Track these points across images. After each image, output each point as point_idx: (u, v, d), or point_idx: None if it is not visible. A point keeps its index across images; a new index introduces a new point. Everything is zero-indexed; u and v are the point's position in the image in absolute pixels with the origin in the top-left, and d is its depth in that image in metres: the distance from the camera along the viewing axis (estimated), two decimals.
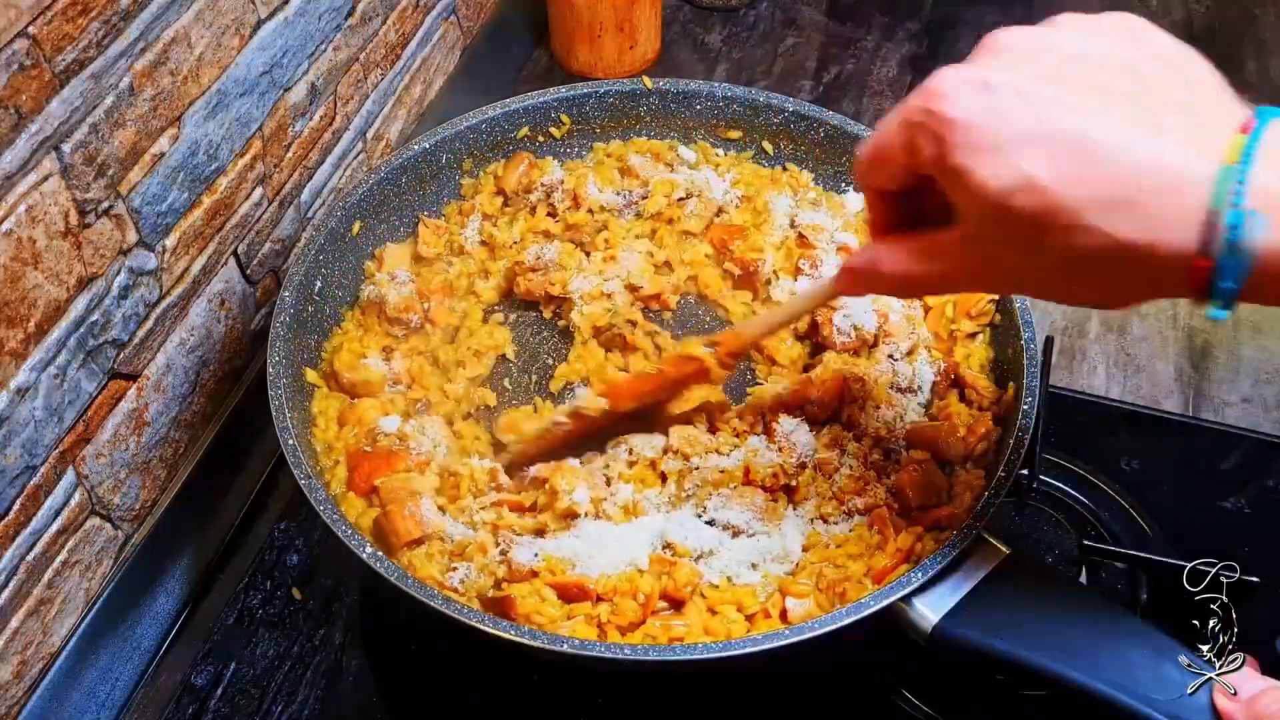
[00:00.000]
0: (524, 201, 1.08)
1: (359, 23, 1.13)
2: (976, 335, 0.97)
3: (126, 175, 0.84)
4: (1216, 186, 0.50)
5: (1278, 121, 0.52)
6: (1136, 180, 0.51)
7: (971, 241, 0.59)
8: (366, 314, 1.00)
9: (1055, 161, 0.52)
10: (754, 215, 1.07)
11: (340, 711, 0.93)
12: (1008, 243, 0.56)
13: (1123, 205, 0.51)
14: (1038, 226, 0.53)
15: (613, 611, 0.80)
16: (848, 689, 0.93)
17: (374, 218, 1.04)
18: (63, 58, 0.74)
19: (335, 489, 0.88)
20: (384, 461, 0.89)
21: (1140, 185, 0.51)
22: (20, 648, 0.83)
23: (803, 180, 1.10)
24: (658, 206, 1.06)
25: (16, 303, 0.75)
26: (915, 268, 0.64)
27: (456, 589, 0.82)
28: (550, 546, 0.83)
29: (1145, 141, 0.52)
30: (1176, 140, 0.52)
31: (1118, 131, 0.52)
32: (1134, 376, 1.19)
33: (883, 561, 0.82)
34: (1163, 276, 0.53)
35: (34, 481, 0.80)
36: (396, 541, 0.84)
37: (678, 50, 1.56)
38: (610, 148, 1.14)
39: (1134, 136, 0.52)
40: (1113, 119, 0.52)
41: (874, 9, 1.63)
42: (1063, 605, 0.76)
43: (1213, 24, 1.61)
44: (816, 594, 0.82)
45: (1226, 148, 0.51)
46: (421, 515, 0.85)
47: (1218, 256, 0.51)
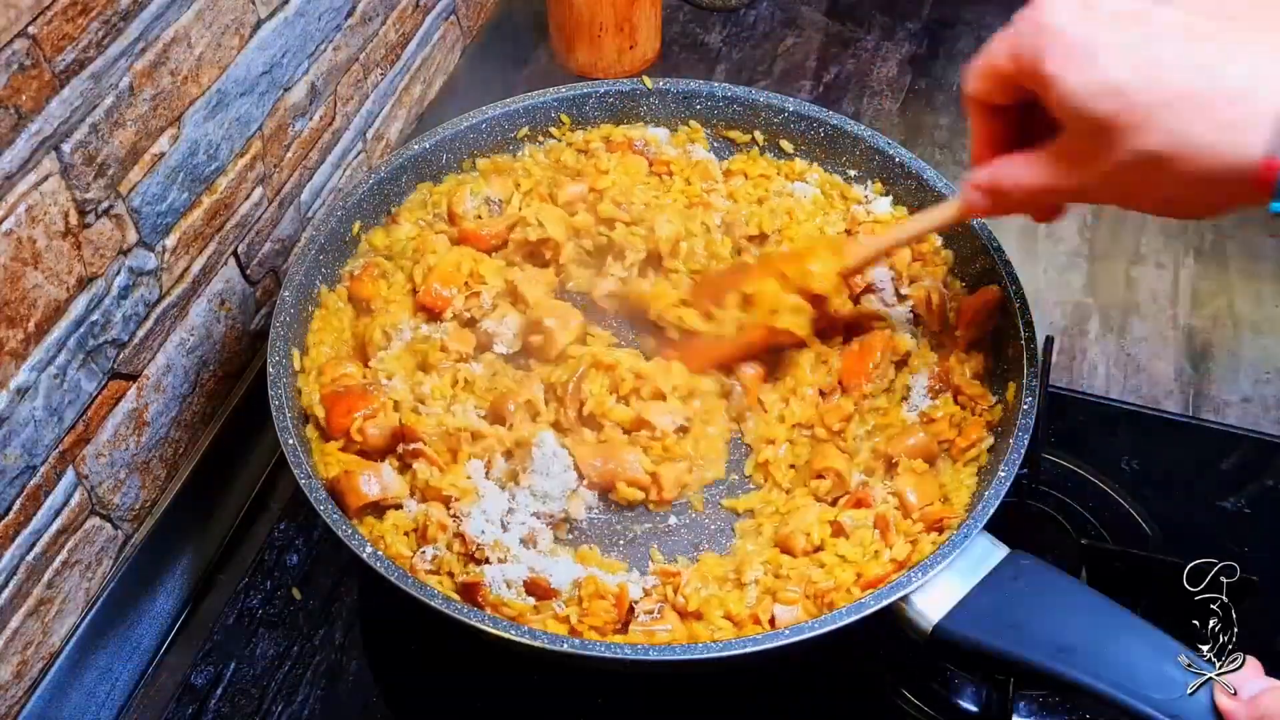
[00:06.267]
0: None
1: (359, 23, 1.13)
2: (977, 342, 0.97)
3: (126, 175, 0.84)
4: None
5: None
6: (1210, 86, 0.56)
7: (1071, 149, 0.63)
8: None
9: (1135, 68, 0.57)
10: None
11: (340, 711, 0.92)
12: (1096, 146, 0.60)
13: (1196, 109, 0.56)
14: (1119, 128, 0.58)
15: (582, 614, 0.80)
16: (848, 689, 0.93)
17: (374, 218, 1.04)
18: (63, 58, 0.74)
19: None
20: (360, 398, 0.90)
21: (1214, 91, 0.56)
22: (20, 648, 0.83)
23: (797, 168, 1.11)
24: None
25: (16, 303, 0.75)
26: (1030, 178, 0.67)
27: (430, 569, 0.83)
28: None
29: (1221, 51, 0.56)
30: (1254, 51, 0.56)
31: (1195, 43, 0.56)
32: (1134, 376, 1.19)
33: (875, 570, 0.82)
34: (1232, 179, 0.57)
35: (34, 481, 0.80)
36: (354, 501, 0.85)
37: (678, 50, 1.56)
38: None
39: (1211, 48, 0.56)
40: (1193, 30, 0.57)
41: (874, 9, 1.63)
42: (1063, 605, 0.76)
43: None
44: (805, 601, 0.82)
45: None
46: (383, 480, 0.86)
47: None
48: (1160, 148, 0.57)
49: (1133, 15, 0.58)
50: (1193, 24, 0.58)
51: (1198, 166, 0.57)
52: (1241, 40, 0.57)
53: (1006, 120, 0.69)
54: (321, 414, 0.90)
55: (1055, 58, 0.60)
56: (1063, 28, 0.60)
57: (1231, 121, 0.56)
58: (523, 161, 1.10)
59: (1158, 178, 0.60)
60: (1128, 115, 0.58)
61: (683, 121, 1.13)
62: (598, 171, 1.07)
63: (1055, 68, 0.60)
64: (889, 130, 1.42)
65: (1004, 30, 0.64)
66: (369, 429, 0.89)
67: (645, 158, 1.10)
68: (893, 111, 1.48)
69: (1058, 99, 0.61)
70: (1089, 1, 0.60)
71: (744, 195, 1.09)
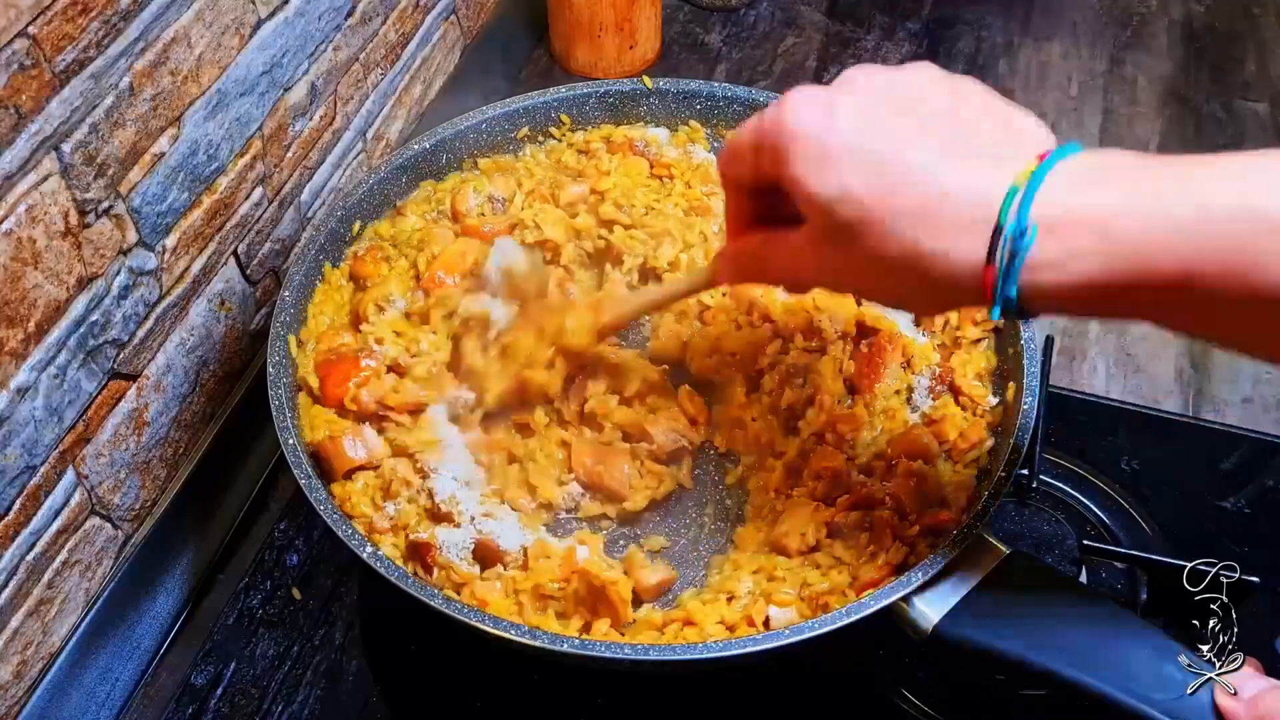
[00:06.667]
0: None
1: (359, 23, 1.13)
2: (980, 341, 0.97)
3: (126, 175, 0.84)
4: (1004, 203, 0.57)
5: (1075, 156, 0.58)
6: (938, 196, 0.58)
7: (812, 242, 0.65)
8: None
9: (870, 177, 0.59)
10: None
11: (340, 711, 0.93)
12: (835, 245, 0.63)
13: (924, 217, 0.58)
14: (855, 233, 0.60)
15: (525, 575, 0.82)
16: (848, 689, 0.93)
17: (374, 218, 1.04)
18: (63, 58, 0.74)
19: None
20: (352, 364, 0.91)
21: (941, 201, 0.58)
22: (20, 648, 0.83)
23: None
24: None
25: (16, 303, 0.75)
26: (774, 261, 0.71)
27: (387, 528, 0.84)
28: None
29: (951, 165, 0.59)
30: (979, 166, 0.59)
31: (929, 155, 0.59)
32: (1134, 376, 1.19)
33: (870, 574, 0.81)
34: (957, 283, 0.59)
35: (34, 481, 0.80)
36: (341, 466, 0.86)
37: (678, 50, 1.56)
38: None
39: (943, 161, 0.59)
40: (928, 146, 0.59)
41: (874, 9, 1.63)
42: (1063, 605, 0.76)
43: (1212, 24, 1.61)
44: (799, 603, 0.81)
45: (1021, 172, 0.57)
46: (367, 444, 0.88)
47: (1001, 266, 0.57)
48: (893, 253, 0.60)
49: (870, 123, 0.60)
50: (924, 136, 0.59)
51: (925, 273, 0.60)
52: (970, 158, 0.59)
53: (756, 197, 0.71)
54: (316, 383, 0.91)
55: (796, 161, 0.61)
56: (805, 133, 0.61)
57: (954, 232, 0.58)
58: (524, 161, 1.10)
59: (891, 280, 0.62)
60: (864, 222, 0.60)
61: (683, 122, 1.13)
62: (599, 173, 1.07)
63: (797, 171, 0.61)
64: None
65: (753, 120, 0.66)
66: (362, 395, 0.90)
67: (646, 159, 1.10)
68: None
69: (800, 199, 0.62)
70: (831, 107, 0.61)
71: None
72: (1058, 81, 1.53)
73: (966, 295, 0.60)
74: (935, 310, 0.67)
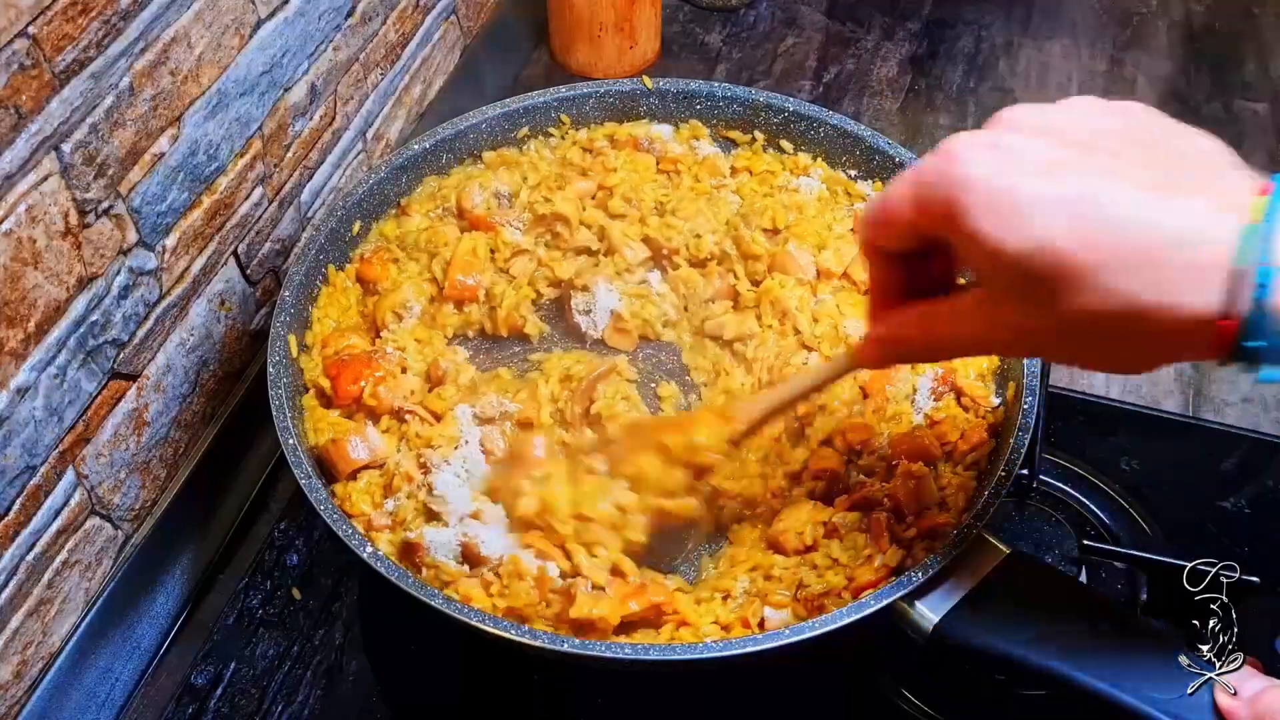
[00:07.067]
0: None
1: (359, 23, 1.13)
2: None
3: (126, 175, 0.84)
4: (1241, 244, 0.50)
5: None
6: (1153, 240, 0.51)
7: (989, 305, 0.58)
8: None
9: (1071, 223, 0.52)
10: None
11: (340, 711, 0.93)
12: (1025, 305, 0.55)
13: (1140, 266, 0.51)
14: (1054, 289, 0.53)
15: (502, 589, 0.81)
16: (848, 689, 0.93)
17: (374, 218, 1.04)
18: (63, 58, 0.74)
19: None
20: (366, 364, 0.91)
21: (1158, 245, 0.51)
22: (20, 648, 0.83)
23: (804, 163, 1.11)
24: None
25: (16, 303, 0.75)
26: (937, 334, 0.63)
27: (385, 525, 0.84)
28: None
29: (1161, 202, 0.51)
30: (1193, 202, 0.51)
31: (1131, 193, 0.52)
32: (1134, 377, 1.19)
33: (867, 575, 0.81)
34: (1183, 338, 0.52)
35: (34, 481, 0.80)
36: (345, 468, 0.87)
37: (678, 50, 1.56)
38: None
39: (1149, 198, 0.51)
40: (1126, 181, 0.52)
41: (874, 9, 1.63)
42: (1063, 605, 0.76)
43: (1212, 24, 1.61)
44: (794, 605, 0.81)
45: (1249, 207, 0.50)
46: (370, 444, 0.88)
47: (1246, 314, 0.50)
48: (1104, 309, 0.52)
49: (1060, 164, 0.53)
50: (1119, 170, 0.53)
51: (1144, 329, 0.53)
52: (1178, 192, 0.52)
53: (908, 265, 0.64)
54: (327, 384, 0.91)
55: (974, 213, 0.54)
56: (982, 181, 0.54)
57: (1179, 280, 0.51)
58: (529, 156, 1.10)
59: (1096, 339, 0.55)
60: (1065, 278, 0.52)
61: (683, 121, 1.13)
62: (605, 169, 1.07)
63: (976, 224, 0.54)
64: (889, 130, 1.42)
65: (906, 173, 0.59)
66: (381, 392, 0.91)
67: (652, 155, 1.10)
68: (893, 111, 1.48)
69: (980, 257, 0.55)
70: (1007, 150, 0.54)
71: (750, 191, 1.09)
72: (1058, 81, 1.53)
73: (1189, 351, 0.54)
74: (1142, 369, 0.58)
